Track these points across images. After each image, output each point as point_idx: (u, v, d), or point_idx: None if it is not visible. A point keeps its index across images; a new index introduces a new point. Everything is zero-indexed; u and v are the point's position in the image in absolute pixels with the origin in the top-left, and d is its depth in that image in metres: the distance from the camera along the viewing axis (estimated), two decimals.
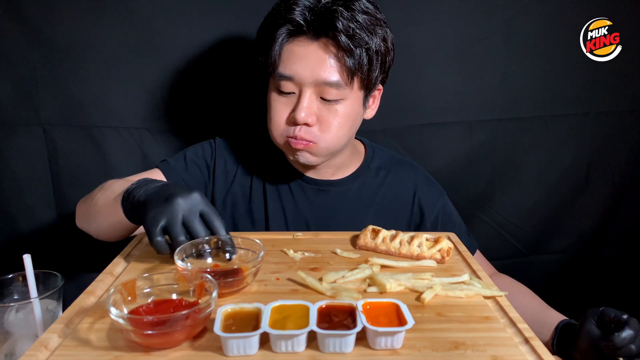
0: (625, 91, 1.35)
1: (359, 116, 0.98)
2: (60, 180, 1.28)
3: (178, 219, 0.70)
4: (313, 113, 0.91)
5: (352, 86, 0.91)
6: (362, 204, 1.07)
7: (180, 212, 0.70)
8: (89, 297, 0.67)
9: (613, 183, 1.42)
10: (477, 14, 1.27)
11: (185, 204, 0.71)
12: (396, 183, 1.09)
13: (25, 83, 1.21)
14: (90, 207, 0.93)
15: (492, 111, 1.34)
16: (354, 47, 0.86)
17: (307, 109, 0.90)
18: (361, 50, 0.87)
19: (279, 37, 0.90)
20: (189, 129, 1.28)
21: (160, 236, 0.70)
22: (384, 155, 1.13)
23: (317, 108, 0.92)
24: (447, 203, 1.13)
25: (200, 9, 1.20)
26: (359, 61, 0.88)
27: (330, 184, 1.06)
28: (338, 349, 0.54)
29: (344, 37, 0.86)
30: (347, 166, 1.07)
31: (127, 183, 0.84)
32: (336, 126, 0.92)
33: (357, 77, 0.91)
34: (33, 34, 1.18)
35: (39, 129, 1.24)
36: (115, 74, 1.23)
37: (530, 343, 0.58)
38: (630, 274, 1.46)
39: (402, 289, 0.70)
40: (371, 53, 0.89)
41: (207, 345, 0.56)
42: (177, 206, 0.70)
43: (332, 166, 1.05)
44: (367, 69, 0.90)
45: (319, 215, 1.05)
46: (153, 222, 0.70)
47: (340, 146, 0.97)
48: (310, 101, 0.91)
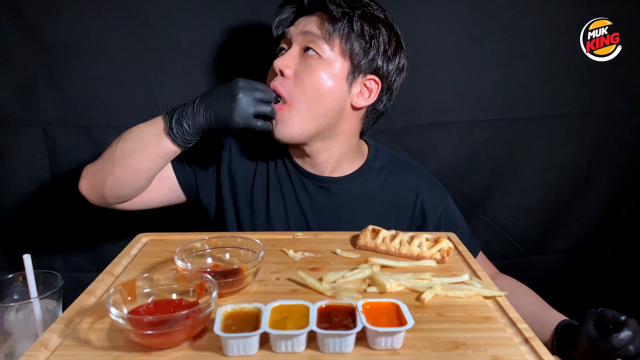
0: (625, 91, 1.35)
1: (340, 88, 0.97)
2: (60, 180, 1.28)
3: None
4: (292, 64, 0.97)
5: (333, 47, 0.95)
6: (364, 202, 1.07)
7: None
8: (89, 297, 0.67)
9: (613, 183, 1.42)
10: (477, 14, 1.27)
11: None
12: (399, 184, 1.09)
13: (25, 83, 1.21)
14: (114, 157, 0.96)
15: (492, 111, 1.34)
16: (336, 13, 0.94)
17: (286, 56, 0.97)
18: (343, 20, 0.94)
19: (284, 15, 1.01)
20: None
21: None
22: (387, 156, 1.13)
23: (296, 62, 0.97)
24: (449, 205, 1.12)
25: (200, 9, 1.21)
26: (340, 25, 0.94)
27: (332, 181, 1.06)
28: (338, 349, 0.54)
29: (331, 5, 0.94)
30: (348, 164, 1.08)
31: (143, 126, 0.97)
32: (310, 84, 0.95)
33: (337, 42, 0.95)
34: (33, 34, 1.18)
35: (39, 128, 1.24)
36: (115, 74, 1.23)
37: (530, 343, 0.57)
38: (630, 274, 1.46)
39: (402, 289, 0.70)
40: (356, 27, 0.94)
41: (207, 345, 0.56)
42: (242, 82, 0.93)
43: (331, 161, 1.05)
44: (348, 37, 0.95)
45: (319, 211, 1.05)
46: (246, 91, 0.91)
47: (316, 112, 0.96)
48: (292, 53, 0.97)
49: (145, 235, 0.89)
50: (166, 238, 0.89)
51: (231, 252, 0.76)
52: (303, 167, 1.07)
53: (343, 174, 1.07)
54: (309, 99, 0.95)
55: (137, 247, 0.84)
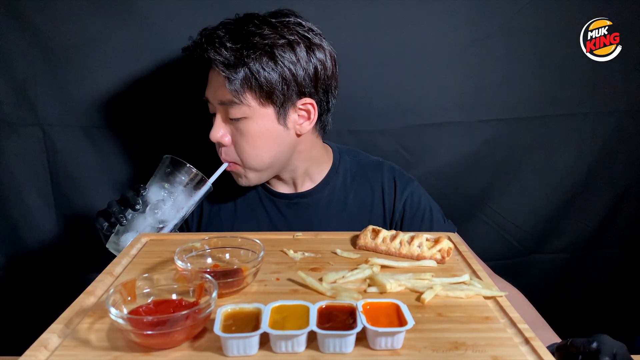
0: (625, 91, 1.35)
1: (278, 132, 0.99)
2: (60, 180, 1.28)
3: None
4: (225, 133, 0.99)
5: (249, 104, 0.95)
6: (334, 209, 1.09)
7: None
8: (89, 297, 0.67)
9: (613, 183, 1.42)
10: (477, 14, 1.27)
11: None
12: (365, 187, 1.11)
13: (25, 83, 1.21)
14: None
15: (492, 111, 1.34)
16: (229, 71, 0.92)
17: (216, 128, 0.99)
18: (240, 71, 0.92)
19: (196, 68, 1.02)
20: (189, 129, 1.28)
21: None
22: (350, 159, 1.15)
23: (229, 130, 0.99)
24: (415, 190, 1.12)
25: (200, 9, 1.20)
26: (240, 81, 0.93)
27: (300, 196, 1.09)
28: (338, 349, 0.54)
29: (218, 64, 0.92)
30: (316, 174, 1.10)
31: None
32: (249, 145, 0.98)
33: (249, 95, 0.94)
34: (33, 34, 1.18)
35: (39, 129, 1.24)
36: (115, 74, 1.23)
37: (531, 343, 0.57)
38: (630, 274, 1.46)
39: (402, 289, 0.70)
40: (255, 72, 0.92)
41: (207, 346, 0.56)
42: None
43: (297, 177, 1.08)
44: (257, 86, 0.93)
45: (294, 228, 1.05)
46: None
47: (266, 163, 1.01)
48: (218, 123, 0.99)
49: (145, 235, 0.89)
50: (166, 238, 0.89)
51: (231, 252, 0.76)
52: (273, 189, 1.11)
53: (315, 182, 1.10)
54: (255, 157, 0.99)
55: (137, 247, 0.84)
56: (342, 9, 1.23)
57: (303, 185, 1.10)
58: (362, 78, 1.28)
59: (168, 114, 1.27)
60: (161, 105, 1.26)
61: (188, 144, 1.27)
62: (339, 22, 1.24)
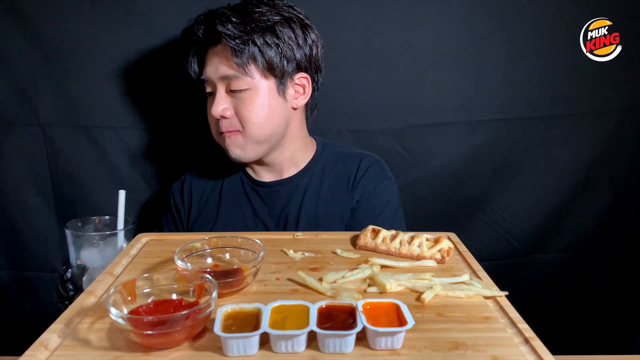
0: (625, 91, 1.35)
1: (278, 104, 1.04)
2: (60, 180, 1.28)
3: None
4: (227, 107, 1.02)
5: (253, 76, 1.00)
6: (310, 196, 1.11)
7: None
8: (89, 297, 0.67)
9: (613, 183, 1.42)
10: (477, 14, 1.27)
11: None
12: (339, 174, 1.13)
13: (25, 83, 1.21)
14: None
15: (492, 111, 1.34)
16: (237, 43, 0.97)
17: (218, 103, 1.02)
18: (246, 46, 0.98)
19: (192, 51, 1.05)
20: (189, 130, 1.28)
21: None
22: (332, 152, 1.17)
23: (230, 102, 1.02)
24: (382, 187, 1.12)
25: (200, 10, 1.20)
26: (247, 55, 0.98)
27: (280, 184, 1.12)
28: (338, 349, 0.54)
29: (226, 37, 0.97)
30: (300, 160, 1.13)
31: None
32: (252, 113, 1.01)
33: (254, 68, 0.99)
34: (33, 34, 1.18)
35: (39, 129, 1.24)
36: (115, 74, 1.23)
37: (531, 343, 0.57)
38: (630, 274, 1.46)
39: (402, 289, 0.70)
40: (260, 45, 0.98)
41: (207, 345, 0.56)
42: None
43: (284, 161, 1.11)
44: (261, 59, 0.99)
45: (273, 214, 1.11)
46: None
47: (267, 134, 1.04)
48: (220, 96, 1.02)
49: (145, 235, 0.89)
50: (166, 238, 0.89)
51: (231, 252, 0.76)
52: (257, 179, 1.14)
53: (298, 169, 1.13)
54: (256, 126, 1.02)
55: (137, 247, 0.84)
56: (342, 9, 1.24)
57: (288, 171, 1.13)
58: (362, 78, 1.28)
59: (168, 113, 1.27)
60: (161, 105, 1.26)
61: (186, 141, 1.27)
62: (339, 22, 1.24)
